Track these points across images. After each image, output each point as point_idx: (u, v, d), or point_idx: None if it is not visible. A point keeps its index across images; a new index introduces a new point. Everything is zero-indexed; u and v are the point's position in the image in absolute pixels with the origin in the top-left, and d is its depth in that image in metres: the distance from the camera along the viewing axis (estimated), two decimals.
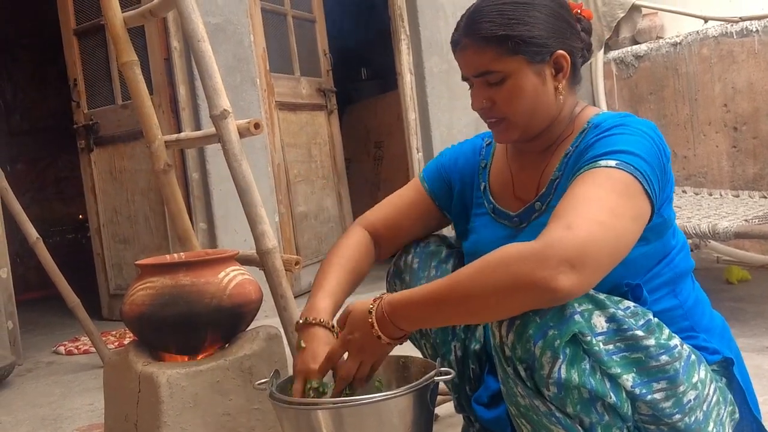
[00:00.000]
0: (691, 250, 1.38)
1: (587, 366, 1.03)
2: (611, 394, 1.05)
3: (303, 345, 1.28)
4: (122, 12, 2.06)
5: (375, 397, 1.20)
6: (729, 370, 1.23)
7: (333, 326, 1.29)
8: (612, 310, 1.06)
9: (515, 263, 1.00)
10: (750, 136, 3.77)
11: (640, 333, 1.07)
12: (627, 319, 1.06)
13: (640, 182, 1.11)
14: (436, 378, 1.26)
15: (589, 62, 4.29)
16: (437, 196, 1.49)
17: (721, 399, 1.18)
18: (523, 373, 1.05)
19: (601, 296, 1.07)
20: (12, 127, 6.16)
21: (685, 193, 3.64)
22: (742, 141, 3.80)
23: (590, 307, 1.05)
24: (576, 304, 1.04)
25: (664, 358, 1.07)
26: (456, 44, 1.30)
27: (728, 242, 3.45)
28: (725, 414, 1.19)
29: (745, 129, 3.78)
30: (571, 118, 1.31)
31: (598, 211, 1.05)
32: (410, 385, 1.23)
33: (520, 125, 1.27)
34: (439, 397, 1.56)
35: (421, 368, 1.35)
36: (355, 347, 1.20)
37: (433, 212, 1.50)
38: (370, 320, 1.16)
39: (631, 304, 1.10)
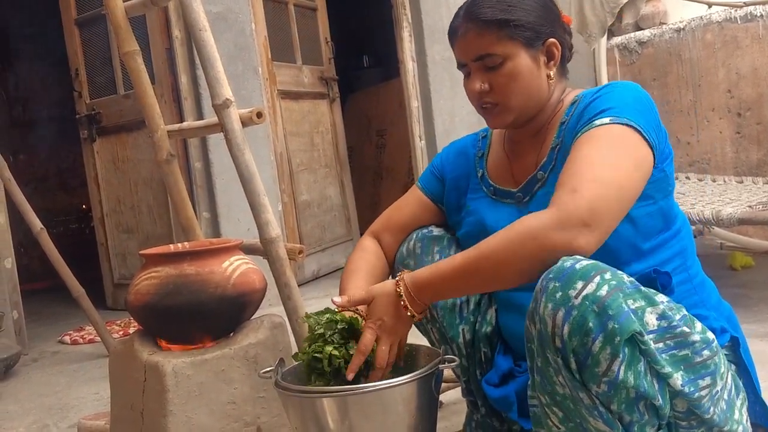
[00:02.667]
0: (695, 237, 1.40)
1: (642, 368, 1.03)
2: (659, 396, 1.05)
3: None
4: (123, 1, 2.05)
5: (379, 384, 1.21)
6: (737, 352, 1.24)
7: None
8: (661, 306, 1.06)
9: (538, 232, 1.09)
10: (754, 121, 3.75)
11: (686, 329, 1.07)
12: (673, 315, 1.07)
13: (635, 130, 1.18)
14: (440, 366, 1.27)
15: (592, 48, 4.29)
16: (432, 193, 1.57)
17: (734, 385, 1.18)
18: (573, 366, 1.03)
19: (650, 291, 1.07)
20: (14, 118, 6.15)
21: (689, 179, 3.62)
22: (745, 127, 3.78)
23: (643, 304, 1.05)
24: (630, 301, 1.03)
25: (706, 353, 1.08)
26: (455, 32, 1.36)
27: (732, 228, 3.45)
28: (741, 400, 1.19)
29: (749, 115, 3.76)
30: (558, 102, 1.38)
31: (598, 169, 1.13)
32: (415, 372, 1.24)
33: (515, 109, 1.33)
34: (443, 385, 1.57)
35: (426, 356, 1.36)
36: (386, 331, 1.23)
37: (432, 209, 1.57)
38: (402, 303, 1.21)
39: (665, 297, 1.10)
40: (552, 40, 1.33)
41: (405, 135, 4.46)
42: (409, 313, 1.22)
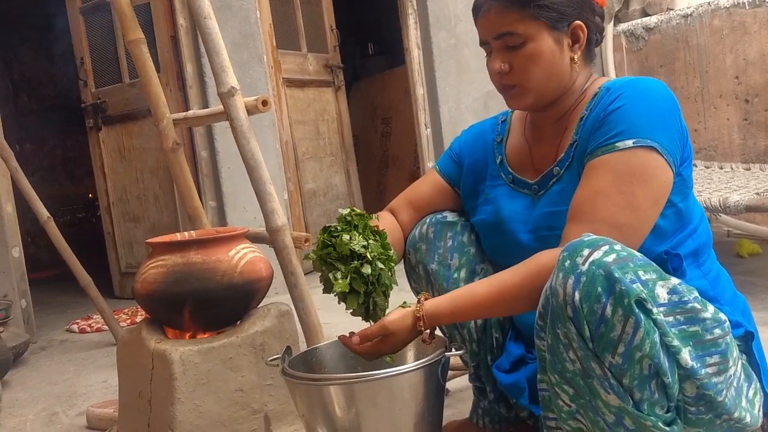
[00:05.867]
0: None
1: (658, 339, 1.03)
2: (669, 374, 1.05)
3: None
4: None
5: (386, 372, 1.21)
6: (749, 345, 1.23)
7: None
8: (673, 282, 1.07)
9: (552, 270, 1.09)
10: (762, 108, 3.73)
11: (697, 305, 1.07)
12: (685, 292, 1.07)
13: (659, 153, 1.17)
14: (446, 353, 1.27)
15: None
16: (450, 177, 1.55)
17: (744, 376, 1.18)
18: (587, 333, 1.03)
19: (661, 270, 1.08)
20: (20, 107, 6.16)
21: (696, 166, 3.61)
22: (753, 113, 3.76)
23: (654, 276, 1.05)
24: (642, 272, 1.04)
25: (717, 331, 1.08)
26: (479, 8, 1.32)
27: (739, 216, 3.44)
28: (752, 391, 1.19)
29: (757, 101, 3.74)
30: (582, 90, 1.34)
31: (615, 209, 1.14)
32: (421, 360, 1.24)
33: (534, 91, 1.30)
34: (450, 372, 1.57)
35: (433, 343, 1.36)
36: (389, 352, 1.27)
37: (448, 193, 1.55)
38: (423, 339, 1.26)
39: (678, 279, 1.09)
40: (578, 22, 1.28)
41: (410, 123, 4.47)
42: (425, 341, 1.28)
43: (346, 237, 1.25)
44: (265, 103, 1.81)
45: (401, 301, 1.29)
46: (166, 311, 1.64)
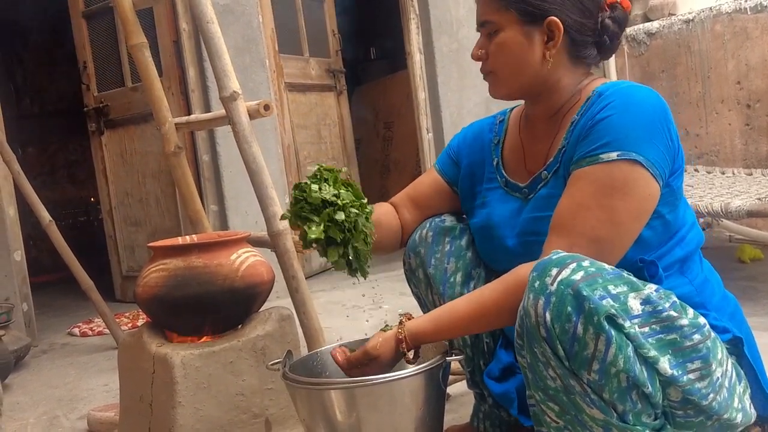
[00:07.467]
0: (703, 229, 1.39)
1: (631, 353, 1.02)
2: (648, 384, 1.04)
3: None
4: None
5: (387, 377, 1.22)
6: (739, 348, 1.23)
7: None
8: (646, 292, 1.06)
9: None
10: (763, 113, 3.73)
11: (674, 313, 1.07)
12: (659, 300, 1.06)
13: (644, 167, 1.15)
14: (447, 358, 1.27)
15: None
16: (448, 176, 1.55)
17: (736, 374, 1.18)
18: (561, 353, 1.04)
19: (634, 279, 1.08)
20: (22, 111, 6.17)
21: (697, 171, 3.61)
22: (755, 118, 3.76)
23: (625, 289, 1.05)
24: (612, 286, 1.03)
25: (696, 337, 1.08)
26: None
27: (741, 221, 3.44)
28: (743, 389, 1.19)
29: (759, 106, 3.74)
30: (576, 89, 1.32)
31: (596, 224, 1.14)
32: (422, 365, 1.24)
33: (505, 81, 1.33)
34: (450, 377, 1.57)
35: (433, 348, 1.36)
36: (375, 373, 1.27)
37: (447, 193, 1.55)
38: (407, 360, 1.25)
39: (654, 286, 1.09)
40: (553, 18, 1.25)
41: (412, 127, 4.47)
42: (406, 359, 1.27)
43: (315, 187, 1.26)
44: (267, 107, 1.81)
45: (402, 302, 1.28)
46: (167, 315, 1.64)
